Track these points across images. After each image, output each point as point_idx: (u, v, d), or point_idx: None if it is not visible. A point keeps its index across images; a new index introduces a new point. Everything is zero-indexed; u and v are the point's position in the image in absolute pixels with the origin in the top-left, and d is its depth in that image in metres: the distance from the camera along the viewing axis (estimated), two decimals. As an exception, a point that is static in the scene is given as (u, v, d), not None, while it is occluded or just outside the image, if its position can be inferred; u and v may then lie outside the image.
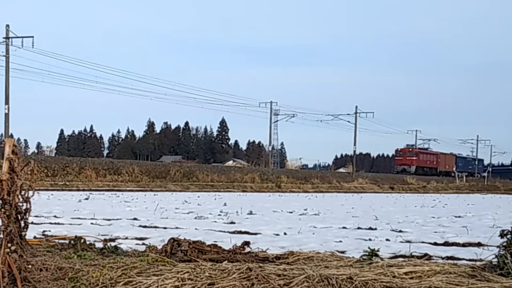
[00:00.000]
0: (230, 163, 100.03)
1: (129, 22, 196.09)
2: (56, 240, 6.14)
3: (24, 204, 4.29)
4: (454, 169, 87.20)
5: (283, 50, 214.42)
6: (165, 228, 9.16)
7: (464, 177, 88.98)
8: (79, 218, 10.73)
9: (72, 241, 5.42)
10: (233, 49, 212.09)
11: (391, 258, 5.91)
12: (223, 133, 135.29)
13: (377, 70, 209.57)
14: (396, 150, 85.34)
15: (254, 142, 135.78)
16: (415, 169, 79.43)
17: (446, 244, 7.80)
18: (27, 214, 4.32)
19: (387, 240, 7.90)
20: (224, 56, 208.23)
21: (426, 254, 6.26)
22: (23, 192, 4.26)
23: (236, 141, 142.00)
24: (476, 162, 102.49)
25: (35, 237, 6.85)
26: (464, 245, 7.74)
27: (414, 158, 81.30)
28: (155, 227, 9.36)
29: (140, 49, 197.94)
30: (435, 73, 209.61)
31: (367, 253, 5.15)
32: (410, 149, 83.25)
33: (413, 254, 6.20)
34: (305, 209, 15.81)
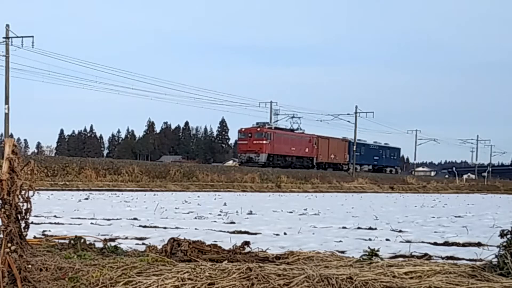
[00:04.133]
0: (230, 163, 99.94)
1: (129, 22, 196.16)
2: (56, 240, 6.14)
3: (24, 204, 4.29)
4: (346, 159, 67.55)
5: (283, 50, 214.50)
6: (165, 228, 9.16)
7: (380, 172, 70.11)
8: (79, 218, 10.72)
9: (72, 241, 5.43)
10: (233, 49, 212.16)
11: (391, 258, 5.91)
12: (223, 133, 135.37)
13: (377, 70, 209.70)
14: (239, 131, 57.85)
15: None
16: (266, 157, 55.70)
17: (446, 244, 7.79)
18: (27, 214, 4.32)
19: (387, 240, 7.90)
20: (224, 56, 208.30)
21: (426, 254, 6.26)
22: (23, 192, 4.26)
23: (236, 141, 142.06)
24: (394, 153, 79.63)
25: (35, 237, 6.85)
26: (464, 245, 7.74)
27: (266, 142, 55.64)
28: (155, 227, 9.36)
29: (140, 49, 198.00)
30: (435, 73, 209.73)
31: (367, 253, 5.15)
32: (259, 129, 56.29)
33: (413, 254, 6.20)
34: (305, 209, 15.80)
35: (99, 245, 5.54)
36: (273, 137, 56.62)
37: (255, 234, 8.50)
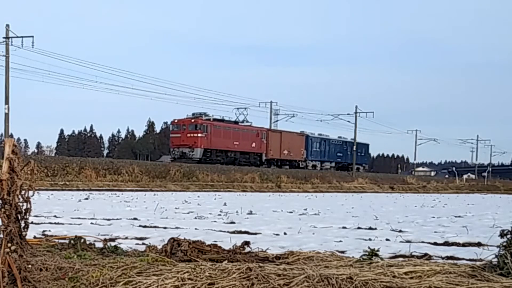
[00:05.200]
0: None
1: (129, 22, 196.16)
2: (56, 240, 6.14)
3: (24, 204, 4.29)
4: (303, 155, 61.00)
5: (283, 50, 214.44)
6: (165, 228, 9.16)
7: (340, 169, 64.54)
8: (79, 218, 10.72)
9: (72, 241, 5.42)
10: (234, 49, 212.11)
11: (391, 258, 5.91)
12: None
13: (377, 70, 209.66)
14: (172, 123, 52.63)
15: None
16: (202, 153, 49.57)
17: (446, 244, 7.79)
18: (27, 214, 4.32)
19: (387, 240, 7.89)
20: (224, 56, 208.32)
21: (426, 254, 6.25)
22: (23, 192, 4.26)
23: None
24: (362, 150, 71.71)
25: (35, 237, 6.85)
26: (464, 245, 7.73)
27: (201, 135, 49.46)
28: (155, 227, 9.35)
29: (140, 49, 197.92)
30: (435, 73, 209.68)
31: (367, 253, 5.15)
32: (193, 120, 50.08)
33: (413, 254, 6.19)
34: (305, 209, 15.80)
35: (99, 245, 5.53)
36: (210, 129, 50.44)
37: (255, 234, 8.50)
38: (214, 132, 50.80)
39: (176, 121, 51.66)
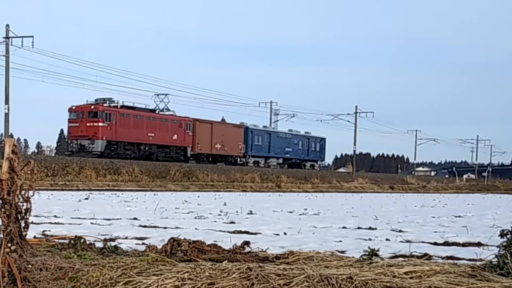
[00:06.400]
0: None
1: (129, 22, 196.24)
2: (56, 240, 6.14)
3: (24, 204, 4.29)
4: (242, 151, 53.88)
5: (284, 50, 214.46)
6: (165, 228, 9.16)
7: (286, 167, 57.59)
8: (79, 218, 10.72)
9: (72, 241, 5.42)
10: (234, 49, 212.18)
11: (391, 258, 5.91)
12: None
13: (377, 70, 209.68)
14: (69, 110, 43.32)
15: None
16: (104, 145, 42.14)
17: (446, 244, 7.79)
18: (27, 214, 4.32)
19: (387, 240, 7.89)
20: (224, 56, 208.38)
21: (426, 254, 6.25)
22: (23, 192, 4.27)
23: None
24: (315, 145, 64.39)
25: (35, 237, 6.85)
26: (464, 245, 7.73)
27: (103, 124, 41.76)
28: (155, 227, 9.36)
29: (140, 49, 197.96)
30: (435, 73, 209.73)
31: (367, 253, 5.15)
32: (93, 107, 42.40)
33: (413, 254, 6.19)
34: (305, 209, 15.80)
35: (99, 245, 5.53)
36: (115, 118, 42.52)
37: (255, 234, 8.50)
38: (121, 121, 42.87)
39: (74, 107, 43.11)
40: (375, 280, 3.95)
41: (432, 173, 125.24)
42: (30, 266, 4.13)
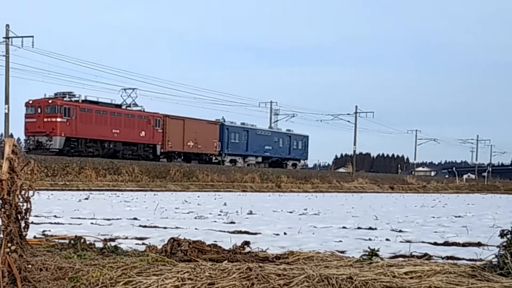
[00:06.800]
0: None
1: (130, 22, 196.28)
2: (56, 240, 6.14)
3: (24, 204, 4.29)
4: (217, 148, 51.27)
5: (284, 50, 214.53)
6: (165, 228, 9.16)
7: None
8: (79, 218, 10.72)
9: (72, 241, 5.42)
10: (234, 49, 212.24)
11: (391, 258, 5.91)
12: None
13: (377, 70, 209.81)
14: (27, 104, 41.07)
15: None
16: (63, 142, 39.71)
17: (446, 244, 7.79)
18: (27, 214, 4.32)
19: (387, 240, 7.89)
20: (224, 56, 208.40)
21: (426, 254, 6.25)
22: (23, 192, 4.27)
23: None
24: (297, 143, 61.49)
25: (35, 237, 6.85)
26: (464, 245, 7.73)
27: (61, 120, 39.45)
28: (155, 227, 9.36)
29: (141, 49, 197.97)
30: (435, 73, 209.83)
31: (367, 253, 5.15)
32: (51, 101, 40.36)
33: (413, 254, 6.19)
34: (305, 209, 15.80)
35: (99, 245, 5.53)
36: (75, 113, 39.96)
37: (255, 234, 8.50)
38: (82, 117, 40.33)
39: (30, 102, 40.75)
40: (375, 280, 3.95)
41: (432, 173, 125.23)
42: (30, 266, 4.13)
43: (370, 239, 7.88)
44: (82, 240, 5.40)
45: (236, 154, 53.66)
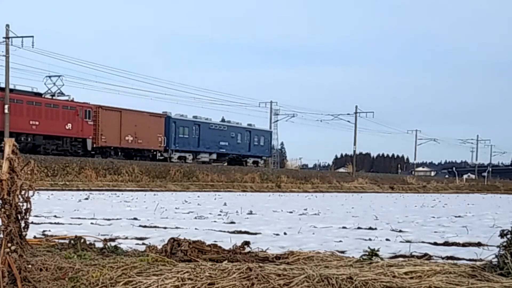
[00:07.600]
0: None
1: (130, 22, 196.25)
2: (56, 240, 6.14)
3: (24, 204, 4.29)
4: (162, 144, 46.01)
5: (284, 50, 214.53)
6: (165, 228, 9.16)
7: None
8: (79, 218, 10.72)
9: (72, 241, 5.42)
10: (234, 49, 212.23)
11: (391, 258, 5.91)
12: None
13: (377, 70, 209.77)
14: None
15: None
16: None
17: (446, 244, 7.79)
18: (27, 214, 4.32)
19: (387, 240, 7.89)
20: (224, 56, 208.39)
21: (426, 254, 6.25)
22: (23, 192, 4.27)
23: None
24: (259, 139, 56.23)
25: (35, 237, 6.85)
26: (464, 245, 7.73)
27: None
28: (155, 227, 9.36)
29: (141, 49, 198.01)
30: (435, 73, 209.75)
31: (367, 253, 5.15)
32: None
33: (413, 254, 6.19)
34: (305, 209, 15.80)
35: (99, 245, 5.53)
36: None
37: (255, 234, 8.50)
38: None
39: None
40: (375, 280, 3.95)
41: (432, 173, 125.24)
42: (30, 266, 4.13)
43: (370, 239, 7.88)
44: (82, 240, 5.40)
45: (186, 150, 48.67)
